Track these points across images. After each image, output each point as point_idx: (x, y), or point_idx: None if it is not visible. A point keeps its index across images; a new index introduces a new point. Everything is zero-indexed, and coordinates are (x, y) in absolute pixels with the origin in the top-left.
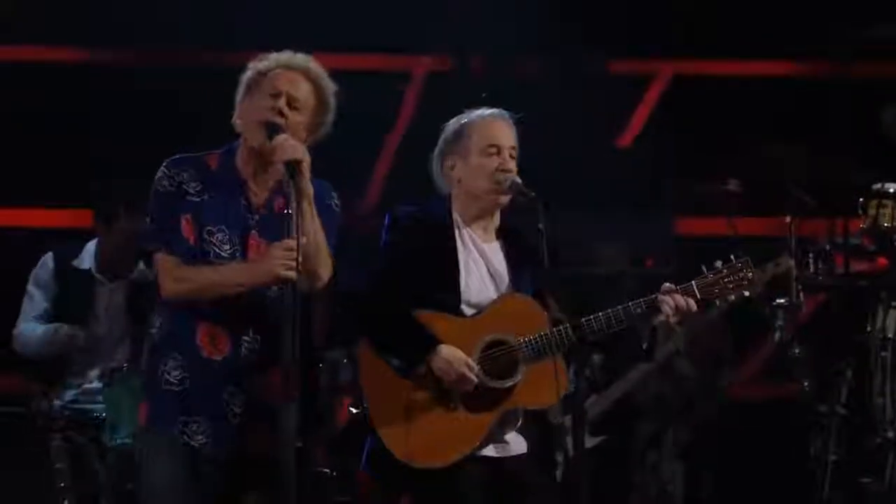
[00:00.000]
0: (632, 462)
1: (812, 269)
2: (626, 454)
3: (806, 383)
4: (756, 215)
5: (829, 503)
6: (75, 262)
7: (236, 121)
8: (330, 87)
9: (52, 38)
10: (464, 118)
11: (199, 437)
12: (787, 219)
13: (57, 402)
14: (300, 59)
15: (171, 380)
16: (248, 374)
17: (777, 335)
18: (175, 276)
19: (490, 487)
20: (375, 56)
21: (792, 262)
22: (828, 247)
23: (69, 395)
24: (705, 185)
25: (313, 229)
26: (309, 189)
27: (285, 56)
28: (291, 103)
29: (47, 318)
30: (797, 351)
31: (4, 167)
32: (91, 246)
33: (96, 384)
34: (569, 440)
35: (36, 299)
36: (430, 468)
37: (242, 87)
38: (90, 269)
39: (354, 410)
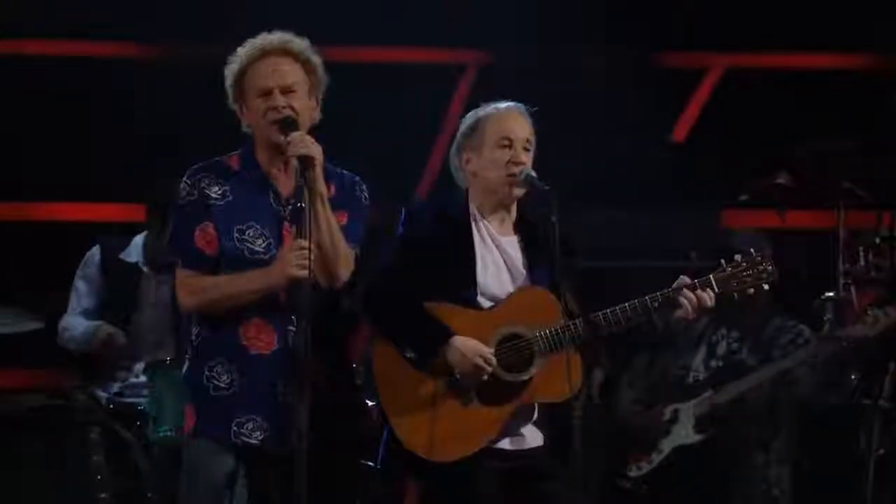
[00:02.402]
0: (737, 462)
1: (863, 263)
2: (730, 453)
3: (853, 377)
4: (806, 208)
5: (875, 497)
6: (122, 255)
7: (246, 127)
8: (317, 59)
9: (101, 34)
10: (479, 112)
11: (258, 433)
12: (838, 212)
13: (102, 395)
14: (276, 39)
15: (221, 384)
16: (297, 365)
17: (826, 328)
18: (191, 290)
19: (506, 480)
20: (426, 50)
21: None
22: (878, 240)
23: (114, 387)
24: (756, 178)
25: (327, 228)
26: (321, 188)
27: (259, 42)
28: (285, 92)
29: (93, 312)
30: (845, 344)
31: (54, 162)
32: (139, 239)
33: (141, 377)
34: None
35: (82, 294)
36: (446, 461)
37: (231, 89)
38: (137, 262)
39: (370, 403)
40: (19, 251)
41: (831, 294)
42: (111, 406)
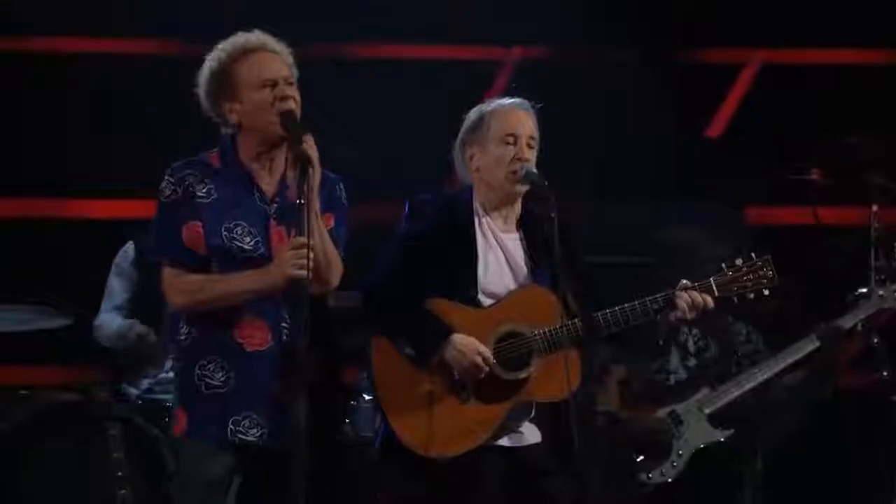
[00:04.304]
0: (747, 462)
1: None
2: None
3: (885, 373)
4: (840, 204)
5: None
6: None
7: (232, 124)
8: (287, 50)
9: (143, 30)
10: (484, 107)
11: (254, 430)
12: (875, 207)
13: (133, 391)
14: (258, 38)
15: (215, 382)
16: (292, 360)
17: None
18: (182, 289)
19: (505, 476)
20: (464, 46)
21: None
22: None
23: (144, 384)
24: (787, 174)
25: (320, 238)
26: (315, 203)
27: (242, 39)
28: (288, 83)
29: (126, 307)
30: (876, 341)
31: (94, 158)
32: None
33: (171, 374)
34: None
35: (115, 290)
36: (443, 458)
37: (212, 86)
38: None
39: (368, 398)
40: (46, 247)
41: (864, 290)
42: (140, 402)
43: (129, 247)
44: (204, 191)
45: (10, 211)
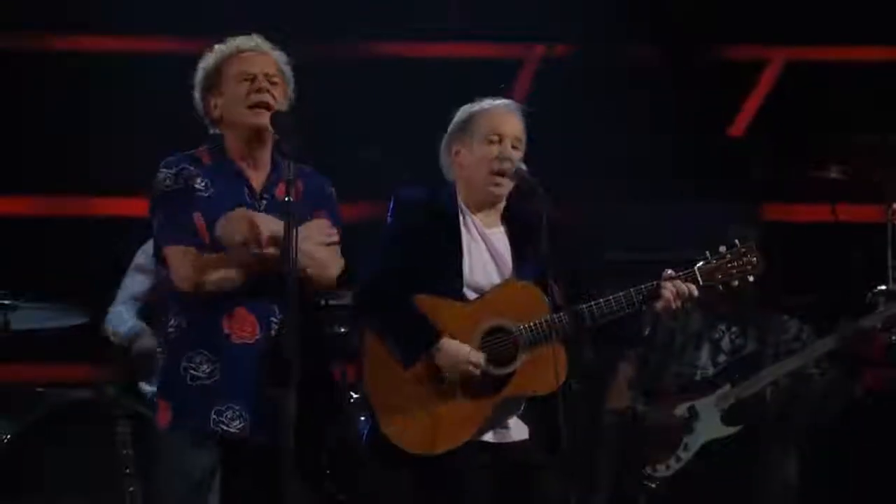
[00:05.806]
0: (757, 458)
1: None
2: (752, 449)
3: None
4: (859, 202)
5: None
6: None
7: (219, 114)
8: (285, 58)
9: (148, 29)
10: (472, 106)
11: (237, 422)
12: (894, 205)
13: (148, 389)
14: (251, 41)
15: (200, 374)
16: (280, 354)
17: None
18: (198, 267)
19: (491, 472)
20: (487, 45)
21: None
22: None
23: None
24: (806, 172)
25: (303, 254)
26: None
27: (237, 41)
28: (269, 80)
29: (141, 297)
30: (894, 338)
31: (101, 157)
32: None
33: None
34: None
35: (129, 283)
36: (430, 455)
37: (203, 82)
38: None
39: (355, 396)
40: (64, 246)
41: (884, 287)
42: (155, 400)
43: (150, 244)
44: (202, 184)
45: (26, 209)
